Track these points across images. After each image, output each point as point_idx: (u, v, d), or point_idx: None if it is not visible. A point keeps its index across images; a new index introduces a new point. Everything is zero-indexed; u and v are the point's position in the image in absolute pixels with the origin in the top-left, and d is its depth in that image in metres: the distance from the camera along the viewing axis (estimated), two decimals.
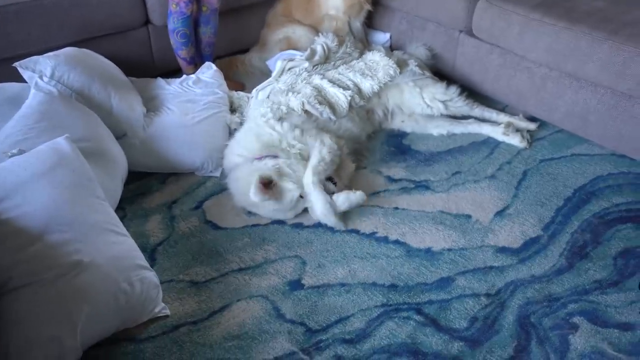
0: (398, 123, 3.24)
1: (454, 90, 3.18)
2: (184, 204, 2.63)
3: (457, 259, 2.26)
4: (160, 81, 3.22)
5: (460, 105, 3.18)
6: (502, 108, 3.32)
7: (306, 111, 2.84)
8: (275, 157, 2.62)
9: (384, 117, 3.23)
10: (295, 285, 2.17)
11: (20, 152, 2.09)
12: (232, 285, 2.17)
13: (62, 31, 3.21)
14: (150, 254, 2.32)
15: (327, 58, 3.31)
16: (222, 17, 3.57)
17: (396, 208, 2.56)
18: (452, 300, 2.07)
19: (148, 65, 3.66)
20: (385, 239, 2.38)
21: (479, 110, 3.21)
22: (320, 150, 2.58)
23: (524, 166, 2.83)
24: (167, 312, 2.05)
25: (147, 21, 3.59)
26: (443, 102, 3.14)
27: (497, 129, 3.06)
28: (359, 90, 3.00)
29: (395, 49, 3.77)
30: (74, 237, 1.87)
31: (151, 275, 2.02)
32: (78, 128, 2.38)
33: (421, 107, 3.13)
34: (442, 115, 3.17)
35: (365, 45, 3.89)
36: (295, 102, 2.85)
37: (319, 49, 3.31)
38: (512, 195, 2.63)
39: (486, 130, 3.09)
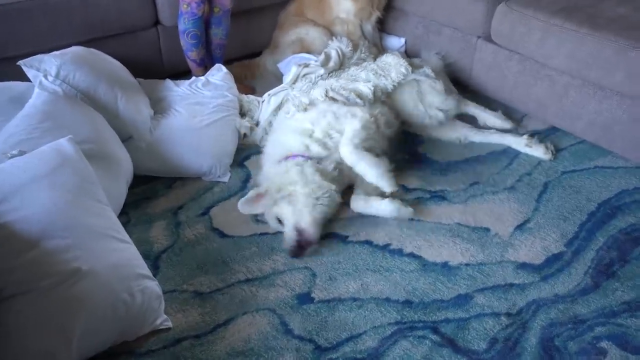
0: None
1: (453, 103, 3.02)
2: (190, 210, 2.53)
3: (476, 275, 2.14)
4: (169, 83, 3.12)
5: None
6: (521, 118, 3.21)
7: (332, 98, 2.75)
8: (306, 157, 2.52)
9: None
10: (305, 298, 2.05)
11: (21, 153, 2.00)
12: (238, 297, 2.06)
13: (70, 30, 3.13)
14: (154, 261, 2.22)
15: (341, 64, 3.19)
16: (233, 18, 3.46)
17: (411, 219, 2.44)
18: (470, 319, 1.95)
19: (157, 66, 3.57)
20: (400, 252, 2.27)
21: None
22: (352, 122, 2.49)
23: (544, 178, 2.70)
24: (169, 324, 1.94)
25: (157, 22, 3.50)
26: (442, 110, 3.00)
27: (520, 140, 2.93)
28: (377, 85, 2.88)
29: (410, 56, 3.63)
30: (73, 243, 1.77)
31: (153, 285, 1.91)
32: (82, 129, 2.29)
33: (418, 113, 2.98)
34: (458, 122, 3.07)
35: (379, 50, 3.78)
36: (317, 92, 2.76)
37: (333, 54, 3.21)
38: (532, 208, 2.51)
39: (508, 140, 2.97)
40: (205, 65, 3.39)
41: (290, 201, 2.37)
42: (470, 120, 3.17)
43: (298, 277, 2.16)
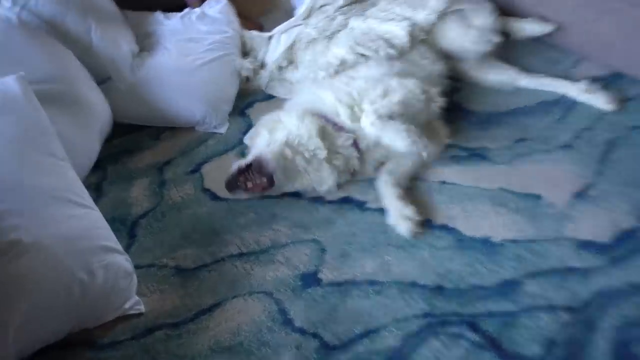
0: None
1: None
2: (179, 166, 2.13)
3: (525, 255, 1.69)
4: (159, 15, 2.65)
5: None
6: (575, 62, 2.61)
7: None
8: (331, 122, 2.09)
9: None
10: (310, 279, 1.65)
11: None
12: (229, 275, 1.67)
13: None
14: (130, 228, 1.86)
15: None
16: None
17: (444, 182, 1.99)
18: (519, 314, 1.51)
19: None
20: (429, 223, 1.82)
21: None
22: (385, 84, 2.03)
23: (609, 134, 2.16)
24: (141, 308, 1.57)
25: None
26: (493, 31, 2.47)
27: (578, 85, 2.38)
28: (414, 24, 2.37)
29: None
30: (10, 208, 1.39)
31: (121, 260, 1.54)
32: (41, 66, 1.88)
33: (471, 42, 2.42)
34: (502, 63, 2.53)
35: None
36: (340, 50, 2.29)
37: None
38: (595, 171, 2.00)
39: (563, 86, 2.41)
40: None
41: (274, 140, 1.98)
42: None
43: (303, 252, 1.75)
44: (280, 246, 1.76)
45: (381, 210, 1.88)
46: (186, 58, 2.33)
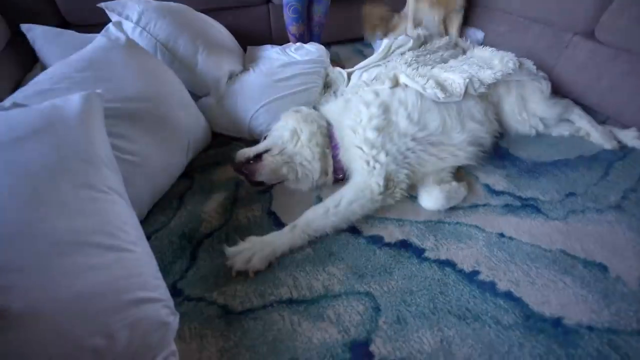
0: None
1: (558, 110, 1.43)
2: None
3: (609, 353, 0.77)
4: (267, 46, 1.79)
5: (558, 130, 1.47)
6: (604, 120, 1.57)
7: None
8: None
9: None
10: (360, 351, 0.78)
11: (15, 106, 0.77)
12: (274, 328, 0.82)
13: None
14: (194, 248, 1.01)
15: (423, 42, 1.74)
16: (335, 3, 2.01)
17: (502, 235, 1.05)
18: None
19: (266, 39, 2.12)
20: (492, 288, 0.90)
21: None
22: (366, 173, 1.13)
23: None
24: None
25: (269, 0, 2.14)
26: (544, 119, 1.43)
27: (628, 132, 1.41)
28: (478, 79, 1.34)
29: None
30: (8, 262, 0.56)
31: (156, 310, 0.70)
32: (133, 85, 1.04)
33: (517, 118, 1.41)
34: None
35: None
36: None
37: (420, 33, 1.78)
38: None
39: (614, 132, 1.43)
40: (304, 41, 1.91)
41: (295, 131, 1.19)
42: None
43: (356, 308, 0.86)
44: (332, 297, 0.89)
45: (439, 262, 0.96)
46: (271, 77, 1.44)
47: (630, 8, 1.44)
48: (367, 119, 1.14)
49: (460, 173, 1.30)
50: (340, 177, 1.22)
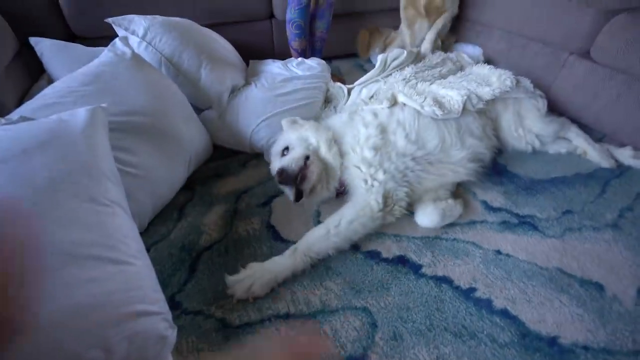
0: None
1: (554, 128, 1.44)
2: (253, 197, 1.26)
3: None
4: (269, 60, 1.81)
5: (555, 148, 1.49)
6: (600, 138, 1.60)
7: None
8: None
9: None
10: None
11: (22, 119, 0.79)
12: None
13: (194, 12, 1.86)
14: (194, 260, 1.01)
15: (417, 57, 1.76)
16: (336, 20, 2.07)
17: (498, 252, 1.05)
18: None
19: (268, 54, 2.19)
20: (489, 305, 0.91)
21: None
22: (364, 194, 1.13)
23: None
24: None
25: (272, 15, 2.14)
26: (540, 136, 1.45)
27: (624, 151, 1.43)
28: (476, 96, 1.37)
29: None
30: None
31: (154, 323, 0.70)
32: (136, 99, 1.05)
33: (513, 134, 1.43)
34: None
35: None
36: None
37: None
38: None
39: (610, 150, 1.46)
40: (306, 56, 2.00)
41: (317, 138, 1.20)
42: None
43: (352, 323, 0.86)
44: (329, 312, 0.89)
45: (436, 278, 0.97)
46: (272, 91, 1.46)
47: (623, 31, 1.48)
48: (365, 139, 1.17)
49: (458, 190, 1.32)
50: (341, 189, 1.23)
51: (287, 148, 1.21)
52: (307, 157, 1.15)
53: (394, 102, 1.30)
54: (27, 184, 0.65)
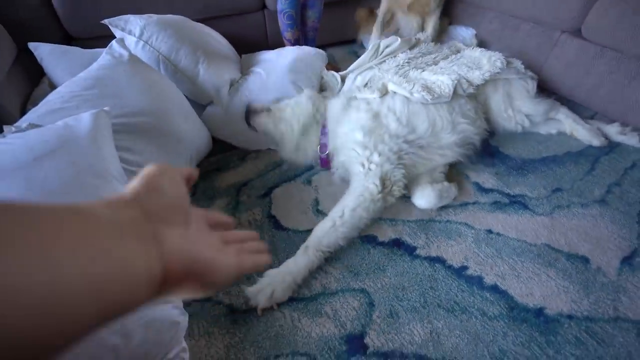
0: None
1: (543, 108, 1.46)
2: (253, 189, 1.30)
3: (586, 339, 0.83)
4: (263, 51, 1.82)
5: (546, 129, 1.53)
6: (592, 116, 1.64)
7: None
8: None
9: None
10: (356, 344, 0.84)
11: (32, 126, 0.84)
12: (276, 325, 0.88)
13: (187, 7, 1.86)
14: None
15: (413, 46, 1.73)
16: (328, 7, 2.09)
17: (490, 231, 1.10)
18: None
19: (262, 45, 2.20)
20: (480, 282, 0.96)
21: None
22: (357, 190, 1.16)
23: (639, 192, 1.23)
24: (186, 357, 0.78)
25: (264, 6, 2.13)
26: (529, 116, 1.48)
27: (611, 128, 1.46)
28: (467, 80, 1.40)
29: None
30: None
31: (167, 310, 0.76)
32: (137, 100, 1.08)
33: (503, 115, 1.46)
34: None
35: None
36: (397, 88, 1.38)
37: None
38: (636, 234, 1.08)
39: (598, 126, 1.49)
40: (300, 45, 1.99)
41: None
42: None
43: (351, 304, 0.92)
44: (330, 294, 0.95)
45: (429, 259, 1.02)
46: (269, 78, 1.50)
47: (613, 8, 1.48)
48: (356, 122, 1.22)
49: (450, 173, 1.36)
50: (325, 153, 1.31)
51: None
52: (269, 109, 1.35)
53: (385, 92, 1.34)
54: (41, 189, 0.70)
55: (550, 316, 0.89)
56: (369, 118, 1.23)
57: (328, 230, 1.03)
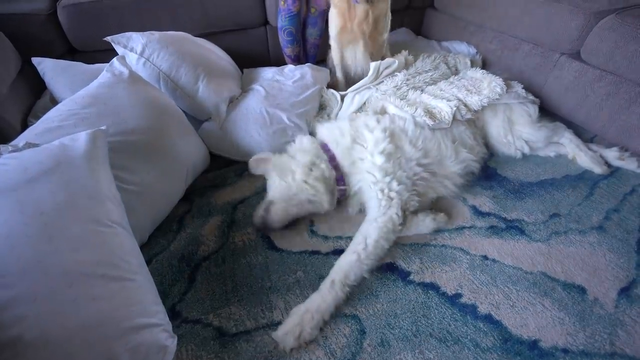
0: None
1: (544, 134, 1.45)
2: (249, 207, 1.29)
3: None
4: (263, 68, 1.84)
5: (545, 152, 1.51)
6: (591, 138, 1.63)
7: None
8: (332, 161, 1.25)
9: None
10: None
11: (28, 146, 0.84)
12: (265, 350, 0.87)
13: (189, 23, 1.88)
14: (193, 270, 1.06)
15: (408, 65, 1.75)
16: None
17: (485, 257, 1.09)
18: None
19: (264, 61, 2.22)
20: (473, 310, 0.95)
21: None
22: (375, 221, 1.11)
23: (638, 219, 1.23)
24: None
25: (266, 22, 2.14)
26: (529, 142, 1.47)
27: (610, 152, 1.46)
28: (465, 105, 1.41)
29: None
30: (21, 294, 0.63)
31: (155, 335, 0.76)
32: (134, 118, 1.09)
33: (502, 141, 1.45)
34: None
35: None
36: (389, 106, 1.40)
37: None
38: (635, 263, 1.07)
39: (597, 150, 1.48)
40: (300, 61, 2.05)
41: (282, 175, 1.18)
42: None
43: (342, 331, 0.91)
44: None
45: (423, 285, 1.01)
46: (268, 96, 1.51)
47: (613, 32, 1.49)
48: (374, 144, 1.18)
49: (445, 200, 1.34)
50: (342, 187, 1.23)
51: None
52: (271, 202, 1.17)
53: (383, 114, 1.33)
54: (35, 210, 0.71)
55: (544, 349, 0.87)
56: (385, 139, 1.19)
57: (354, 263, 1.00)
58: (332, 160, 1.25)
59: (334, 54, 1.84)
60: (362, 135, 1.24)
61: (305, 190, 1.16)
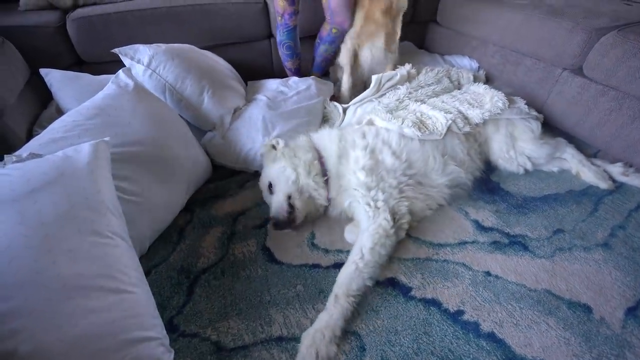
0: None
1: (547, 150, 1.44)
2: (249, 219, 1.29)
3: None
4: (267, 80, 1.88)
5: (548, 167, 1.50)
6: (595, 153, 1.63)
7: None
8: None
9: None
10: None
11: (32, 156, 0.84)
12: None
13: (194, 36, 1.91)
14: (191, 283, 1.05)
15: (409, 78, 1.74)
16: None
17: (488, 273, 1.08)
18: None
19: (268, 73, 2.24)
20: (476, 328, 0.93)
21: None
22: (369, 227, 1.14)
23: None
24: None
25: (270, 35, 2.18)
26: (532, 158, 1.46)
27: (614, 168, 1.45)
28: (465, 118, 1.42)
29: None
30: (18, 307, 0.62)
31: (152, 348, 0.74)
32: (138, 129, 1.10)
33: (504, 156, 1.45)
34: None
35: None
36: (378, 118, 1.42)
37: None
38: None
39: (602, 165, 1.47)
40: (302, 74, 2.04)
41: (295, 167, 1.23)
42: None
43: (342, 347, 0.89)
44: None
45: (425, 301, 1.00)
46: (271, 106, 1.54)
47: (615, 49, 1.49)
48: (355, 162, 1.21)
49: (450, 210, 1.32)
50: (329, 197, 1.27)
51: (271, 184, 1.26)
52: (289, 197, 1.19)
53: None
54: (35, 221, 0.70)
55: None
56: (367, 156, 1.23)
57: (353, 274, 1.00)
58: (322, 163, 1.29)
59: (345, 55, 1.88)
60: (346, 152, 1.28)
61: (309, 185, 1.22)
